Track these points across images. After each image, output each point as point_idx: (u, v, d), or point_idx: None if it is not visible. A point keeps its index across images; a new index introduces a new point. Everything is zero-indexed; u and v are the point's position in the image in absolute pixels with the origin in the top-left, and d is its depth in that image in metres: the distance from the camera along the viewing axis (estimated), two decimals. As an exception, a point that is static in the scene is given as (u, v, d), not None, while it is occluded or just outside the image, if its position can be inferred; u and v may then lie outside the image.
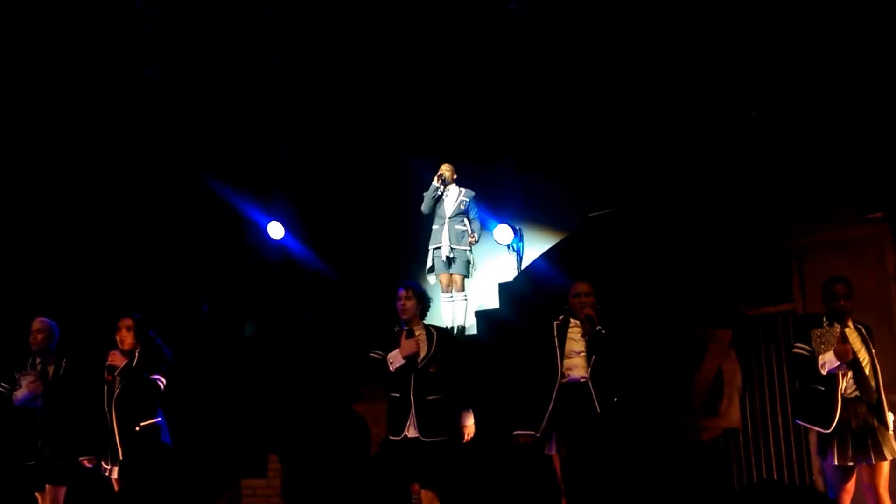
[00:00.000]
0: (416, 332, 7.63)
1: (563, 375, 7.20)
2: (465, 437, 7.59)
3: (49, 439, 8.26)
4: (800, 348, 6.76)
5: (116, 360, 8.04)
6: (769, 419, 8.31)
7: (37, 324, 8.48)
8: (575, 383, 7.15)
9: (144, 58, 11.42)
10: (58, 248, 11.33)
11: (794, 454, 8.15)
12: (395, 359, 7.50)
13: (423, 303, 7.71)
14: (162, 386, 7.96)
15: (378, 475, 7.67)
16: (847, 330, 6.64)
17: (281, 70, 11.53)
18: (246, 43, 11.37)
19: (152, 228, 11.57)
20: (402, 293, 7.63)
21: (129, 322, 8.16)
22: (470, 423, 7.60)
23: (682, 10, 9.89)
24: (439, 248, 10.59)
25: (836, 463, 6.55)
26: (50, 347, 8.47)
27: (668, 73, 9.89)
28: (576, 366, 7.20)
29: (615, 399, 7.11)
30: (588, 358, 7.18)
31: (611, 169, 10.48)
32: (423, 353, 7.52)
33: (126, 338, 8.11)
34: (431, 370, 7.51)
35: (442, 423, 7.44)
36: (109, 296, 10.82)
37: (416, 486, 7.64)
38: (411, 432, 7.39)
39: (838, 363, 6.52)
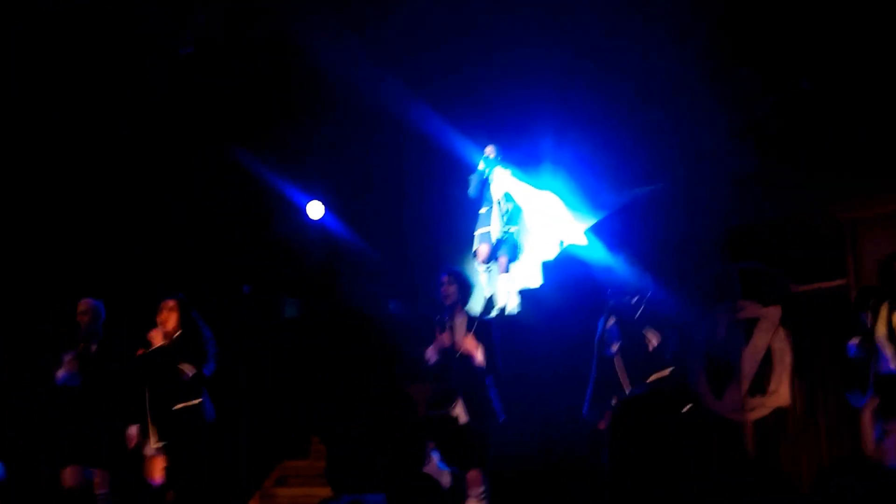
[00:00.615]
0: (457, 321, 7.59)
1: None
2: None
3: (87, 419, 8.29)
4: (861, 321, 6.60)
5: (155, 339, 8.03)
6: (820, 398, 8.12)
7: (81, 305, 8.54)
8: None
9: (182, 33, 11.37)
10: (103, 230, 11.33)
11: (846, 432, 7.97)
12: (431, 355, 7.56)
13: (466, 289, 7.66)
14: (189, 374, 7.91)
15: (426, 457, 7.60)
16: None
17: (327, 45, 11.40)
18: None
19: (192, 207, 11.52)
20: (445, 279, 7.61)
21: (171, 303, 8.15)
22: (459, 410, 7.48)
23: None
24: (488, 231, 10.48)
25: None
26: (95, 328, 8.49)
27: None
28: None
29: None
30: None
31: (656, 142, 10.28)
32: (459, 344, 7.47)
33: (168, 319, 8.09)
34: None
35: (486, 407, 7.40)
36: (152, 277, 10.83)
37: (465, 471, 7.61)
38: (459, 416, 7.40)
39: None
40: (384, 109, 11.20)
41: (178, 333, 8.07)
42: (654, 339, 7.24)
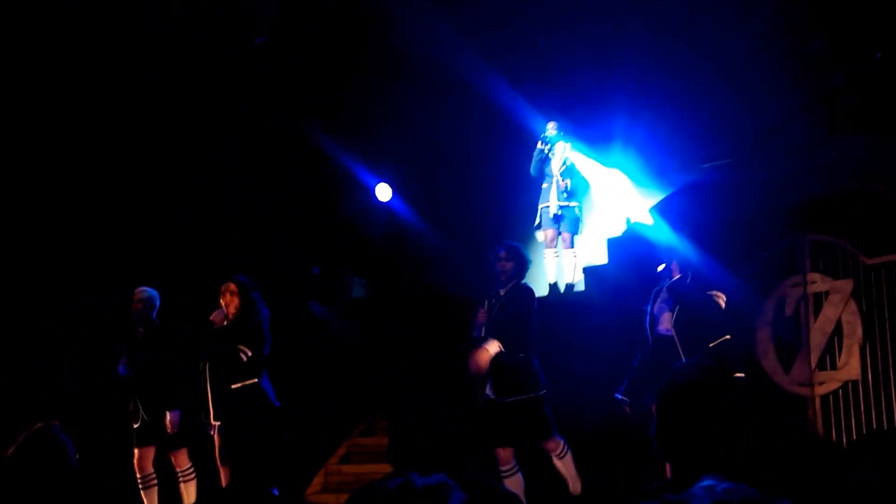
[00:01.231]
0: (502, 293, 7.54)
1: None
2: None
3: (144, 403, 8.46)
4: None
5: (217, 318, 8.14)
6: (891, 370, 7.92)
7: (137, 293, 8.64)
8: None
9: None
10: (167, 215, 11.49)
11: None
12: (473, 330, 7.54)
13: (522, 265, 7.59)
14: (244, 357, 7.98)
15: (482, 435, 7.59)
16: None
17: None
18: None
19: (262, 189, 11.64)
20: (502, 254, 7.54)
21: (232, 286, 8.23)
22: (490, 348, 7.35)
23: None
24: (547, 206, 10.44)
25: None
26: (150, 316, 8.63)
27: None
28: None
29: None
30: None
31: (723, 118, 10.14)
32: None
33: (231, 302, 8.18)
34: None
35: (516, 381, 7.33)
36: (217, 259, 10.97)
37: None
38: (487, 392, 7.37)
39: None
40: (458, 84, 11.22)
41: (238, 315, 8.16)
42: (721, 301, 7.25)
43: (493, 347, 7.30)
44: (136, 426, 8.49)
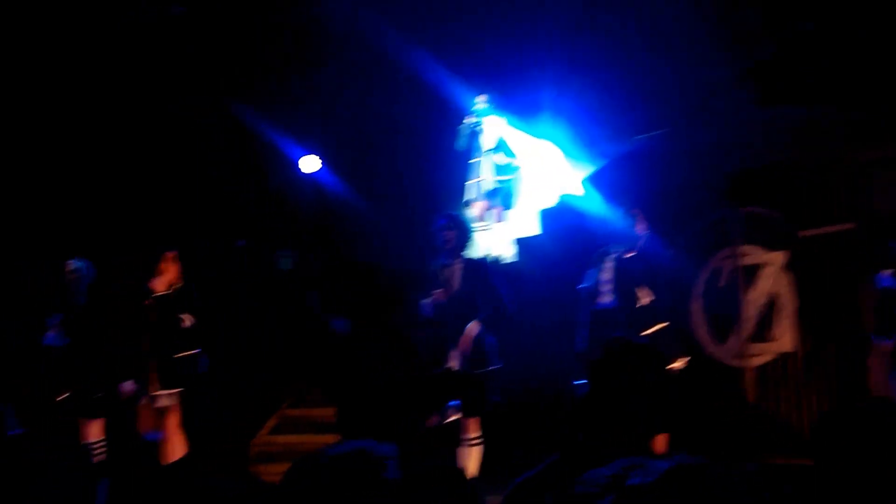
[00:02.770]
0: (455, 267, 7.42)
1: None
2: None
3: (79, 373, 8.30)
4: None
5: (157, 287, 7.94)
6: (825, 344, 8.00)
7: (69, 265, 8.53)
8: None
9: None
10: (94, 185, 11.17)
11: (850, 378, 7.85)
12: (426, 305, 7.45)
13: (464, 234, 7.48)
14: (188, 323, 7.86)
15: (426, 405, 7.49)
16: None
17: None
18: None
19: (184, 161, 11.34)
20: (444, 224, 7.40)
21: (172, 255, 8.08)
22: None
23: None
24: (480, 181, 10.31)
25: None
26: (82, 288, 8.50)
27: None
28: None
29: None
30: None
31: (653, 87, 10.10)
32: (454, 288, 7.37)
33: (169, 269, 8.00)
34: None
35: (479, 355, 7.28)
36: (146, 231, 10.69)
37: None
38: (451, 363, 7.31)
39: None
40: (381, 57, 11.01)
41: (178, 284, 8.00)
42: (645, 298, 7.20)
43: (474, 328, 7.25)
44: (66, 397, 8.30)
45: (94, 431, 8.32)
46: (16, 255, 10.48)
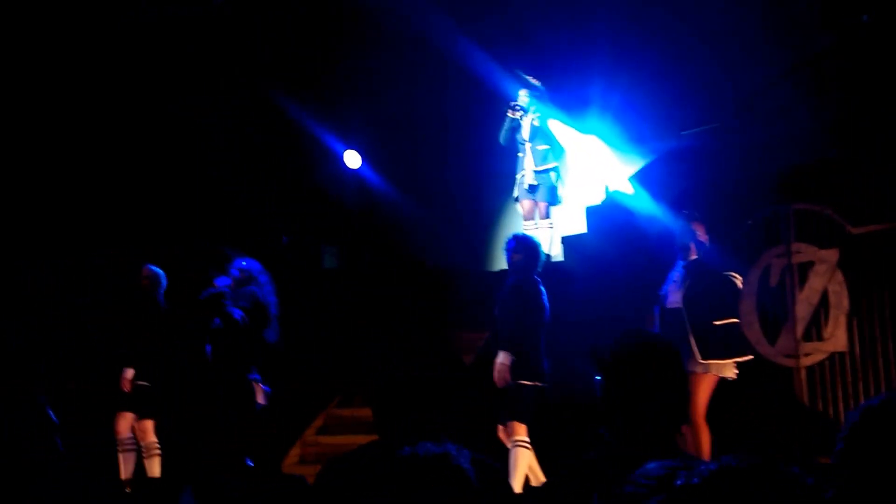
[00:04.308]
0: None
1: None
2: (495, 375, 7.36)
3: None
4: None
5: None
6: (878, 343, 7.82)
7: (145, 271, 8.78)
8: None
9: None
10: (137, 182, 11.22)
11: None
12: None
13: (532, 256, 7.49)
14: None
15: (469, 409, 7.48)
16: None
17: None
18: None
19: (229, 159, 11.35)
20: (511, 246, 7.51)
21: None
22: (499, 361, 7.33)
23: None
24: (523, 175, 10.20)
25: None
26: (157, 295, 8.78)
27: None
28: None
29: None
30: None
31: (703, 82, 9.93)
32: None
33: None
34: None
35: (518, 366, 7.29)
36: (190, 228, 10.74)
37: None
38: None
39: None
40: (429, 48, 10.94)
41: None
42: (738, 281, 7.35)
43: (504, 358, 7.32)
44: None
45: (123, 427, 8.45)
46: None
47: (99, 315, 9.29)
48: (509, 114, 10.14)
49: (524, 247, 7.49)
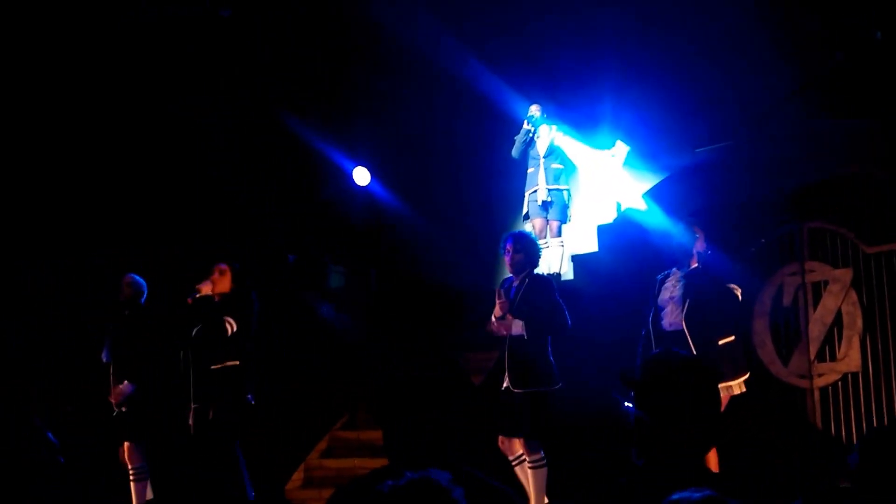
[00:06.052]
0: (519, 284, 7.28)
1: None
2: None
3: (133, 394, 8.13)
4: None
5: (204, 289, 7.78)
6: (892, 362, 7.68)
7: (126, 279, 8.40)
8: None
9: None
10: (144, 193, 11.18)
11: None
12: (491, 325, 7.28)
13: (532, 254, 7.32)
14: (230, 328, 7.63)
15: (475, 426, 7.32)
16: None
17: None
18: None
19: (236, 172, 11.30)
20: (509, 246, 7.27)
21: (226, 267, 7.90)
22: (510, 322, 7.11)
23: None
24: (535, 191, 10.12)
25: None
26: (139, 301, 8.35)
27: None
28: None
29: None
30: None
31: (715, 99, 9.85)
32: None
33: (221, 280, 7.84)
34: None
35: (531, 373, 7.10)
36: (195, 244, 10.66)
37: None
38: (505, 382, 7.19)
39: None
40: (438, 66, 10.89)
41: (228, 293, 7.83)
42: (738, 293, 7.13)
43: (517, 328, 7.07)
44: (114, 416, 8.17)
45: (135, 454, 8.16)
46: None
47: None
48: (525, 125, 10.11)
49: (523, 245, 7.29)
